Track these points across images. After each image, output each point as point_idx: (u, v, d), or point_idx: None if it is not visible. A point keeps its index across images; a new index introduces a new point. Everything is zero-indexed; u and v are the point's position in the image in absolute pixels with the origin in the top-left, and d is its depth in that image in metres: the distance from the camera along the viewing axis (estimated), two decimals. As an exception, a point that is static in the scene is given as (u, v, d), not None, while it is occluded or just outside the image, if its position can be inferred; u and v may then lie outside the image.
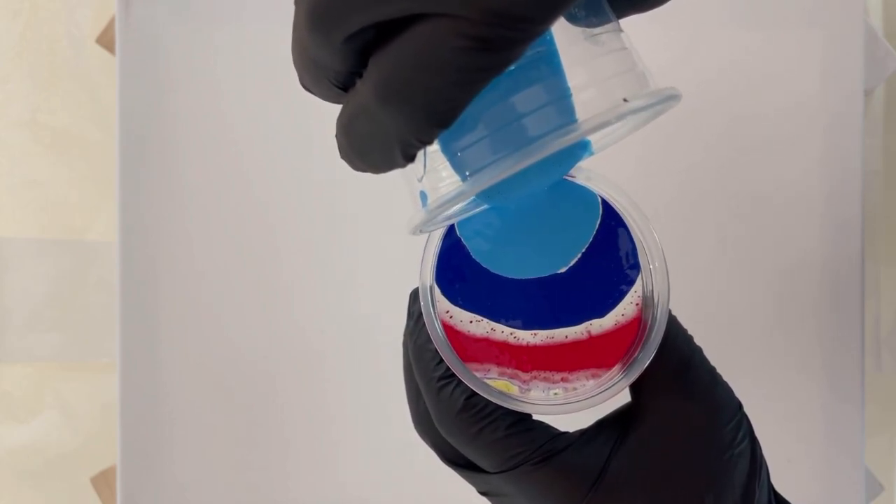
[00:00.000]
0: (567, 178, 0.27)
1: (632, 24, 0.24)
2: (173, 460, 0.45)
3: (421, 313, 0.28)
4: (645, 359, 0.27)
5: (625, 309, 0.28)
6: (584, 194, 0.28)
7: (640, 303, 0.28)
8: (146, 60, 0.44)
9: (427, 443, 0.30)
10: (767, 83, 0.45)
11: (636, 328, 0.28)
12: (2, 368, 0.51)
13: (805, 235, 0.45)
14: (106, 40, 0.47)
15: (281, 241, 0.45)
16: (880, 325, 0.51)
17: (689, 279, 0.45)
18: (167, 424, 0.45)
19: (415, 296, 0.29)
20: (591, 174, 0.28)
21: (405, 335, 0.30)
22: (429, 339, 0.28)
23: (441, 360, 0.28)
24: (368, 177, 0.44)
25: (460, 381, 0.27)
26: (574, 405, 0.27)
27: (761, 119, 0.45)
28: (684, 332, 0.29)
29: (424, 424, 0.30)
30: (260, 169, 0.44)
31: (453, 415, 0.27)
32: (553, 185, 0.27)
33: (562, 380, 0.28)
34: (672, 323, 0.28)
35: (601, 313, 0.28)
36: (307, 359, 0.45)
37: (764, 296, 0.45)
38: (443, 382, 0.28)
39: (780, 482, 0.45)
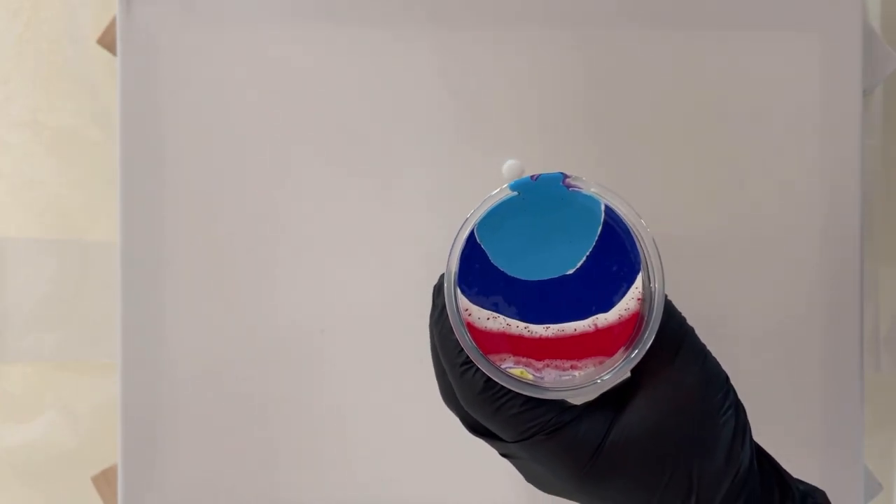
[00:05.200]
0: (572, 188, 0.32)
1: (631, 24, 0.24)
2: (174, 459, 0.45)
3: (444, 306, 0.32)
4: (644, 346, 0.31)
5: (627, 304, 0.31)
6: (588, 202, 0.32)
7: (641, 297, 0.31)
8: (147, 61, 0.44)
9: (454, 413, 0.34)
10: (765, 83, 0.45)
11: (637, 319, 0.31)
12: (3, 368, 0.51)
13: (804, 235, 0.45)
14: (107, 41, 0.47)
15: (282, 241, 0.45)
16: (879, 326, 0.51)
17: (688, 279, 0.45)
18: (168, 424, 0.45)
19: (437, 290, 0.33)
20: (593, 184, 0.32)
21: (430, 323, 0.34)
22: (451, 330, 0.32)
23: (463, 349, 0.32)
24: (368, 177, 0.44)
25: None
26: (582, 390, 0.31)
27: (759, 119, 0.45)
28: (678, 314, 0.33)
29: (450, 398, 0.34)
30: (261, 169, 0.45)
31: (475, 395, 0.32)
32: (561, 195, 0.32)
33: (571, 367, 0.31)
34: (667, 307, 0.32)
35: (606, 308, 0.31)
36: (308, 358, 0.45)
37: (763, 296, 0.45)
38: (465, 367, 0.32)
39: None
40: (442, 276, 0.33)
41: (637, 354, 0.31)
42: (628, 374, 0.32)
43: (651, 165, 0.45)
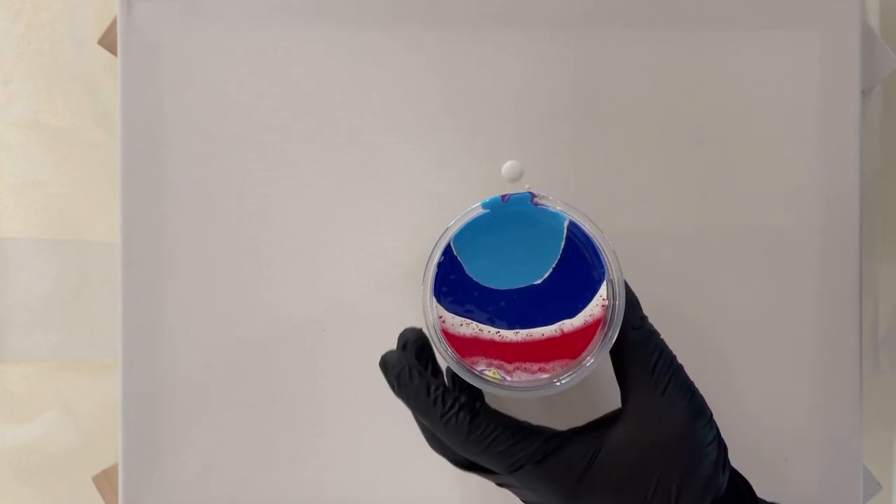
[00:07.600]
0: (539, 206, 0.35)
1: (630, 24, 0.24)
2: (175, 459, 0.45)
3: (398, 378, 0.35)
4: (606, 348, 0.34)
5: (592, 310, 0.34)
6: (553, 219, 0.35)
7: (605, 304, 0.34)
8: (148, 62, 0.45)
9: (444, 457, 0.36)
10: (764, 83, 0.45)
11: (600, 324, 0.34)
12: (4, 367, 0.51)
13: (803, 235, 0.45)
14: (108, 42, 0.48)
15: (282, 241, 0.45)
16: (878, 325, 0.51)
17: (686, 279, 0.45)
18: (169, 423, 0.45)
19: (383, 365, 0.36)
20: (558, 202, 0.35)
21: (395, 394, 0.36)
22: (418, 394, 0.34)
23: (437, 401, 0.34)
24: (369, 177, 0.44)
25: (460, 410, 0.34)
26: (545, 390, 0.34)
27: (758, 119, 0.45)
28: (669, 351, 0.35)
29: (436, 445, 0.36)
30: (261, 169, 0.45)
31: (463, 439, 0.34)
32: (528, 212, 0.35)
33: (539, 369, 0.34)
34: (659, 343, 0.35)
35: (572, 314, 0.34)
36: (309, 358, 0.45)
37: (762, 296, 0.45)
38: (447, 418, 0.34)
39: (778, 481, 0.45)
40: (386, 354, 0.36)
41: (602, 353, 0.34)
42: (601, 364, 0.34)
43: (649, 165, 0.45)
